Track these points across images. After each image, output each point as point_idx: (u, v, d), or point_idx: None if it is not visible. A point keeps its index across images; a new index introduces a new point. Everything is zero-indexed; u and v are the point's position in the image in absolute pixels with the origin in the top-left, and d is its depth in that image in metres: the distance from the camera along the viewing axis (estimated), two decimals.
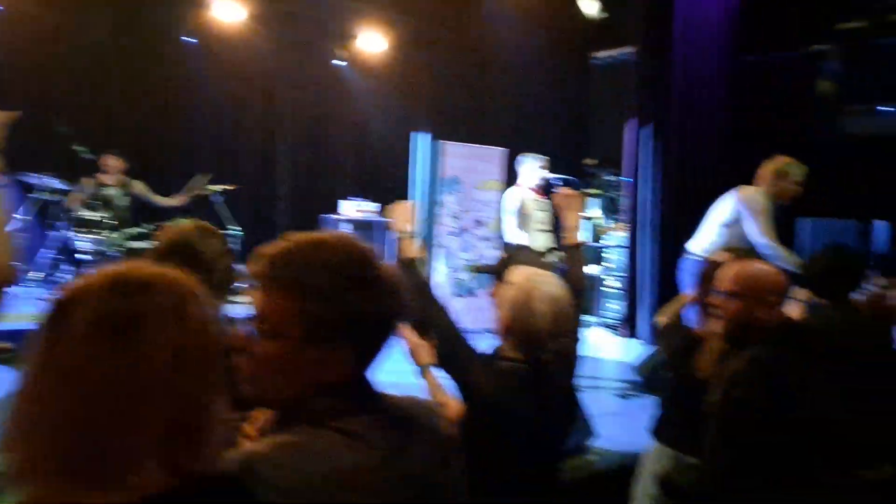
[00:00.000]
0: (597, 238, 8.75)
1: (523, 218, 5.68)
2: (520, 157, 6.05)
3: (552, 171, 6.15)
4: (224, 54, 7.49)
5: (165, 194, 6.85)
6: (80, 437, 0.86)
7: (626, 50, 8.36)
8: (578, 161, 9.25)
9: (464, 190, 8.00)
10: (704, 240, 4.96)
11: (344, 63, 8.16)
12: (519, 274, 2.11)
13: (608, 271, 8.46)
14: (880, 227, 6.64)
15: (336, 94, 8.39)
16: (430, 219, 8.14)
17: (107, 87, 7.11)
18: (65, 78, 6.91)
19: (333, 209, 7.88)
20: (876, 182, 6.77)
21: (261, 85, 7.92)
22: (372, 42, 8.07)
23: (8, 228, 1.75)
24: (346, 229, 7.16)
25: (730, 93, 7.36)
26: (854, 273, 3.22)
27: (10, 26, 6.51)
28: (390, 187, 8.39)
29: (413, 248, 2.26)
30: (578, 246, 2.49)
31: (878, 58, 7.01)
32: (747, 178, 5.85)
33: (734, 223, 4.81)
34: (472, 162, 8.05)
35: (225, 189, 6.87)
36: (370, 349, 1.18)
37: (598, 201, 9.23)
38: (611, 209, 9.14)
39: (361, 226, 7.23)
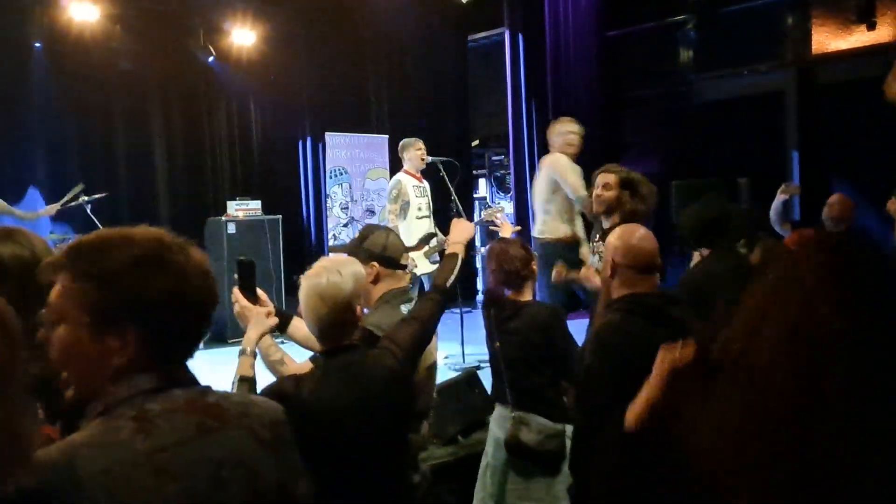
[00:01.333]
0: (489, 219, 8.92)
1: (403, 204, 5.67)
2: (401, 142, 6.07)
3: (436, 153, 6.19)
4: (86, 58, 7.12)
5: (35, 208, 6.47)
6: None
7: (501, 31, 8.54)
8: (463, 142, 9.38)
9: (351, 180, 7.98)
10: (539, 222, 5.18)
11: (212, 59, 7.91)
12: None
13: None
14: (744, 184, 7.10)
15: (211, 93, 8.15)
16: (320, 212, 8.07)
17: None
18: None
19: (221, 211, 7.69)
20: (736, 142, 7.23)
21: (129, 88, 7.58)
22: (245, 36, 7.87)
23: None
24: (232, 230, 6.97)
25: (598, 67, 7.65)
26: (726, 222, 3.36)
27: None
28: (278, 184, 8.25)
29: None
30: (454, 256, 2.54)
31: (729, 25, 7.47)
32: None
33: (554, 194, 5.01)
34: (356, 151, 8.03)
35: (92, 198, 6.53)
36: (167, 334, 1.14)
37: (485, 181, 9.41)
38: (499, 188, 9.34)
39: (249, 225, 7.06)
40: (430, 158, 5.83)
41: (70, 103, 7.23)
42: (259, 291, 2.26)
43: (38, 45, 7.05)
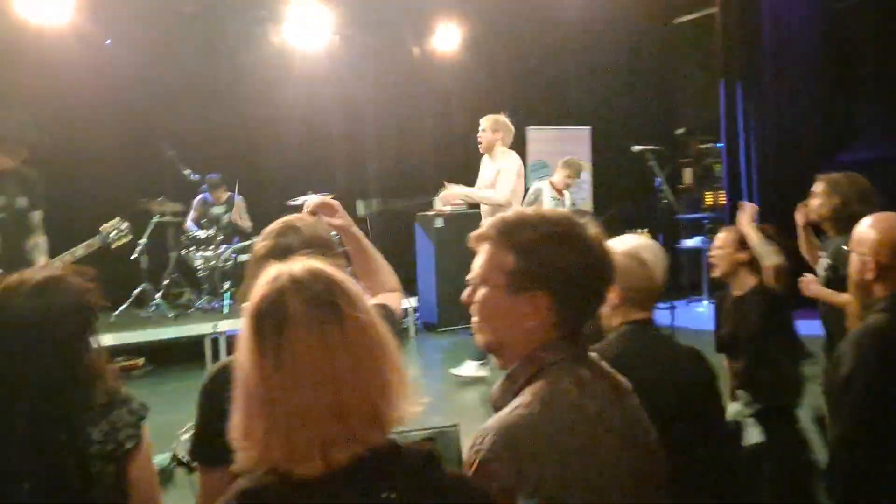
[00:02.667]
0: (693, 209, 8.53)
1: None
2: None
3: (639, 142, 6.02)
4: (312, 65, 7.68)
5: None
6: (319, 403, 1.00)
7: (709, 11, 8.09)
8: (668, 130, 9.00)
9: (552, 174, 7.95)
10: None
11: (419, 60, 8.26)
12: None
13: (709, 242, 8.20)
14: None
15: (416, 92, 8.49)
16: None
17: (195, 107, 7.41)
18: (160, 103, 7.26)
19: (428, 206, 8.02)
20: None
21: (344, 91, 8.10)
22: (448, 35, 8.13)
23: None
24: (440, 224, 7.27)
25: (823, 43, 6.98)
26: None
27: (114, 59, 6.91)
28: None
29: None
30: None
31: None
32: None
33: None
34: (557, 145, 8.00)
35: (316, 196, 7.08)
36: (572, 300, 1.29)
37: (690, 170, 9.00)
38: (707, 178, 8.87)
39: (456, 219, 7.32)
40: (637, 147, 5.75)
41: (296, 109, 7.84)
42: None
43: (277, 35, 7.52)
